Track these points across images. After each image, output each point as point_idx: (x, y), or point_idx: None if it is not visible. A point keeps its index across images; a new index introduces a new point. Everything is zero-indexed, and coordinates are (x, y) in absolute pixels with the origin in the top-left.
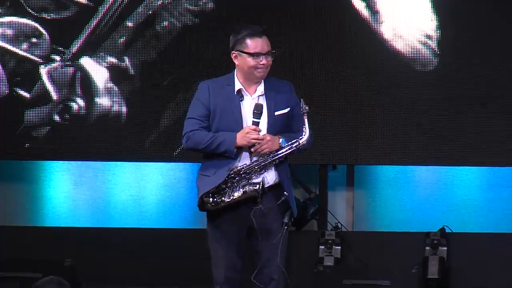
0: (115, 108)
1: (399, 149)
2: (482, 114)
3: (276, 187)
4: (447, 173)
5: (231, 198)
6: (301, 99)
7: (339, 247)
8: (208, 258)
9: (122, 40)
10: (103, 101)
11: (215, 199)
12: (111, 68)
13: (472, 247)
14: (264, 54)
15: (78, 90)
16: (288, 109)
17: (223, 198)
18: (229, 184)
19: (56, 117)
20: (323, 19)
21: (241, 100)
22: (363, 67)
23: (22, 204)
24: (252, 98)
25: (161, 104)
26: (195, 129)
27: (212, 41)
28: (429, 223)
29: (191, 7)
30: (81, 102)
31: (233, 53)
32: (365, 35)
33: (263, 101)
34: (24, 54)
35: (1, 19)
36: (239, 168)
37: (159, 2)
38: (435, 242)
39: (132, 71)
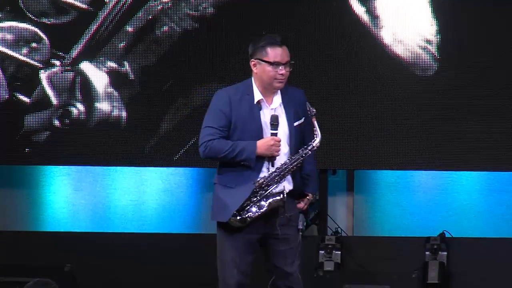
0: (115, 113)
1: (399, 154)
2: (482, 118)
3: (291, 195)
4: (447, 178)
5: (257, 213)
6: (307, 102)
7: (339, 252)
8: (208, 262)
9: (122, 45)
10: (103, 106)
11: (241, 217)
12: (111, 73)
13: (472, 252)
14: (283, 64)
15: (78, 95)
16: (304, 118)
17: (249, 214)
18: (253, 199)
19: (56, 122)
20: (323, 23)
21: (260, 110)
22: (363, 72)
23: (21, 209)
24: (271, 109)
25: (161, 109)
26: (214, 138)
27: (212, 46)
28: (429, 228)
29: (191, 12)
30: (81, 107)
31: (252, 61)
32: (365, 40)
33: (281, 112)
34: (24, 59)
35: (1, 24)
36: (260, 181)
37: (159, 7)
38: (435, 247)
39: (132, 76)
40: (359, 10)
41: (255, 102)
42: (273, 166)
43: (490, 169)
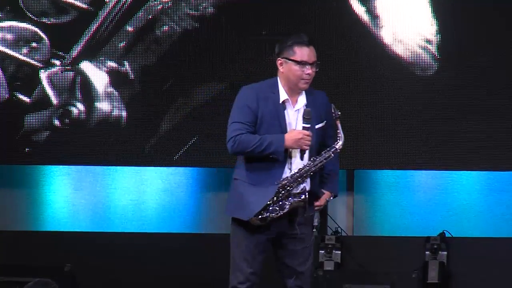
0: (115, 112)
1: (399, 154)
2: (482, 118)
3: (309, 195)
4: (447, 177)
5: (279, 213)
6: (332, 104)
7: (339, 252)
8: (208, 262)
9: (122, 44)
10: (103, 106)
11: (262, 216)
12: (111, 72)
13: (472, 251)
14: (310, 64)
15: (78, 95)
16: (325, 122)
17: (271, 214)
18: (275, 199)
19: (56, 122)
20: (323, 23)
21: (284, 110)
22: (363, 72)
23: (21, 209)
24: (295, 110)
25: (161, 108)
26: (243, 133)
27: (212, 46)
28: (429, 227)
29: (191, 12)
30: (81, 106)
31: (279, 60)
32: (365, 40)
33: None
34: (24, 58)
35: (1, 23)
36: (284, 182)
37: (159, 7)
38: (435, 246)
39: (132, 76)
40: (359, 10)
41: (280, 102)
42: (302, 159)
43: (490, 169)
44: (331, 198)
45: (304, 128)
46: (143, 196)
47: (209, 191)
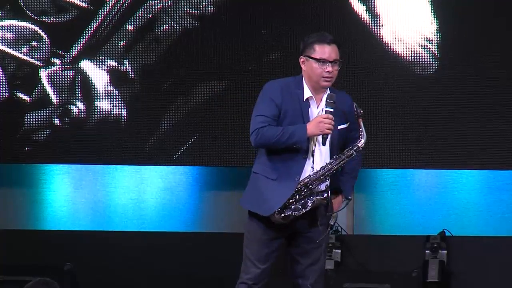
0: (115, 111)
1: (399, 153)
2: (482, 117)
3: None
4: (447, 176)
5: (302, 211)
6: (354, 103)
7: (339, 251)
8: (208, 261)
9: (122, 43)
10: (103, 105)
11: (285, 214)
12: (111, 71)
13: (472, 250)
14: (330, 62)
15: (78, 94)
16: (348, 123)
17: (294, 212)
18: (297, 197)
19: (56, 121)
20: (322, 22)
21: (308, 107)
22: (363, 71)
23: (22, 207)
24: (318, 109)
25: (161, 107)
26: (265, 126)
27: (212, 45)
28: (429, 226)
29: (191, 11)
30: (81, 105)
31: (301, 58)
32: (365, 39)
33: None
34: (24, 57)
35: (1, 22)
36: (306, 180)
37: (159, 6)
38: (435, 245)
39: (132, 75)
40: (359, 8)
41: (304, 99)
42: (324, 144)
43: (490, 168)
44: (345, 201)
45: (327, 112)
46: (143, 195)
47: (209, 190)
